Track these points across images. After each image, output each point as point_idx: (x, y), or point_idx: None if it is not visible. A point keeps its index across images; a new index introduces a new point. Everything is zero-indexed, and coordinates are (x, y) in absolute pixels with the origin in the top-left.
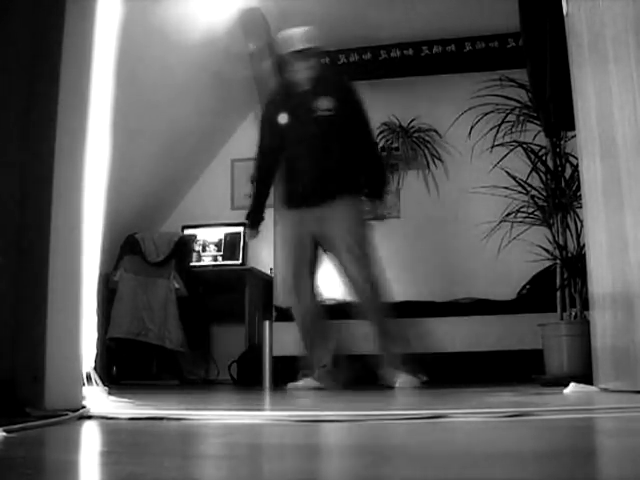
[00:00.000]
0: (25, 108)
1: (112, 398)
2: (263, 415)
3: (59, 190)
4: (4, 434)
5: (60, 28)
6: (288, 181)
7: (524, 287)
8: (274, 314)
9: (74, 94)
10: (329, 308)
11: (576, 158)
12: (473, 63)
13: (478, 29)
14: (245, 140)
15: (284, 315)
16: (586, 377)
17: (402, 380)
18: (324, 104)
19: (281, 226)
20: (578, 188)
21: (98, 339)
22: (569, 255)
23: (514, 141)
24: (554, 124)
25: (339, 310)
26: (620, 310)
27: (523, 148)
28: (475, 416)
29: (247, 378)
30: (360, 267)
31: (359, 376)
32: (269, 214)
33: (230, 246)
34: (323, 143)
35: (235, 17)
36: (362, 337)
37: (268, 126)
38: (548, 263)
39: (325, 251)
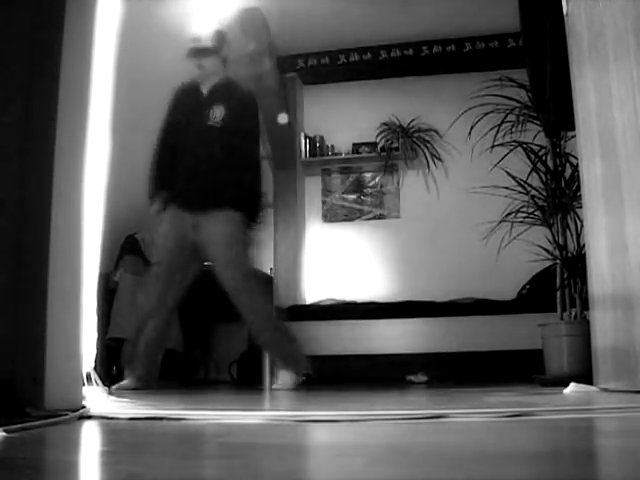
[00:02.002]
0: (25, 108)
1: (112, 398)
2: (263, 415)
3: (59, 190)
4: (4, 434)
5: (60, 27)
6: (172, 179)
7: (524, 287)
8: (274, 314)
9: (74, 93)
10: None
11: (576, 158)
12: (473, 63)
13: (478, 29)
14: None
15: (284, 315)
16: (586, 377)
17: (282, 380)
18: (216, 113)
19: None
20: (578, 188)
21: (98, 339)
22: (569, 255)
23: (514, 141)
24: (554, 124)
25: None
26: (620, 310)
27: (523, 148)
28: (475, 416)
29: (247, 378)
30: (237, 278)
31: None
32: (269, 214)
33: None
34: (208, 152)
35: (235, 17)
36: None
37: (169, 117)
38: (548, 263)
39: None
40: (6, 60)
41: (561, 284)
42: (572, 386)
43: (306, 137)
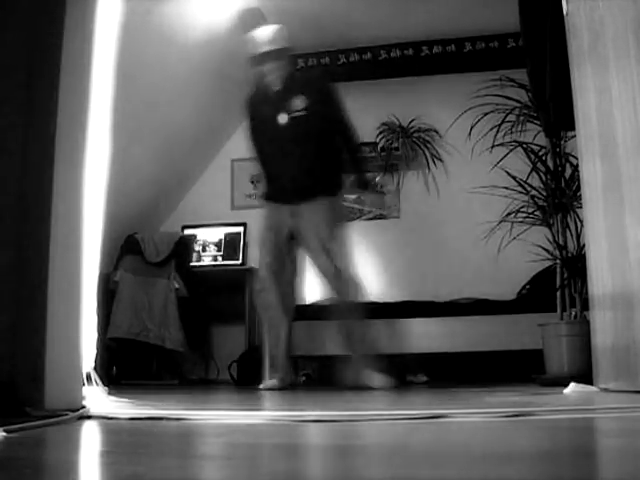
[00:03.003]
0: (25, 108)
1: (112, 398)
2: (263, 415)
3: (59, 190)
4: (4, 434)
5: (60, 28)
6: (269, 179)
7: (524, 287)
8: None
9: (74, 94)
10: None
11: (576, 158)
12: (473, 63)
13: (478, 29)
14: (245, 140)
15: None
16: (586, 377)
17: (377, 380)
18: (297, 104)
19: (263, 217)
20: (578, 188)
21: (98, 339)
22: (569, 255)
23: (514, 141)
24: (554, 124)
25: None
26: (620, 310)
27: (523, 148)
28: (475, 416)
29: (247, 378)
30: (330, 264)
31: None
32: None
33: (230, 246)
34: (298, 143)
35: (235, 17)
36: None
37: (250, 126)
38: (548, 263)
39: (299, 247)
40: (6, 61)
41: (561, 284)
42: (572, 386)
43: None
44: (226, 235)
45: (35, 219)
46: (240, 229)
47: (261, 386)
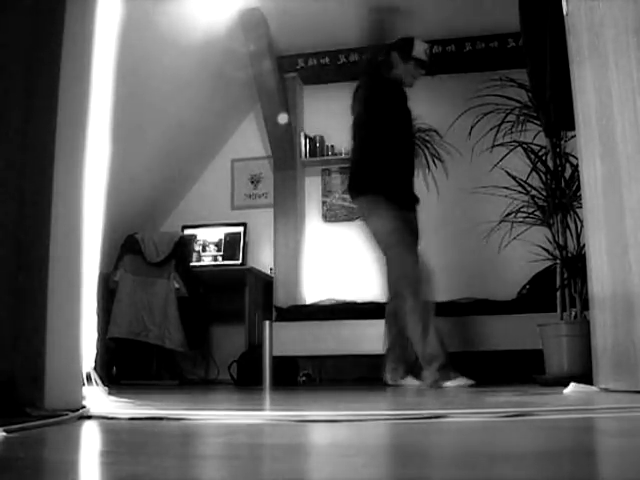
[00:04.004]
0: (25, 108)
1: (112, 398)
2: (263, 415)
3: (59, 190)
4: (4, 434)
5: (60, 28)
6: (398, 179)
7: (524, 287)
8: (274, 314)
9: (74, 94)
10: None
11: (576, 158)
12: (473, 63)
13: (478, 29)
14: (245, 140)
15: (284, 315)
16: (586, 377)
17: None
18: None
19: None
20: (578, 188)
21: (98, 339)
22: (569, 255)
23: (514, 141)
24: (554, 124)
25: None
26: (620, 310)
27: (523, 148)
28: (475, 416)
29: (247, 378)
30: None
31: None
32: (269, 214)
33: (230, 246)
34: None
35: (235, 17)
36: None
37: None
38: (548, 263)
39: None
40: (6, 60)
41: (561, 284)
42: (572, 386)
43: (306, 137)
44: (226, 235)
45: (35, 219)
46: (240, 229)
47: (449, 384)
